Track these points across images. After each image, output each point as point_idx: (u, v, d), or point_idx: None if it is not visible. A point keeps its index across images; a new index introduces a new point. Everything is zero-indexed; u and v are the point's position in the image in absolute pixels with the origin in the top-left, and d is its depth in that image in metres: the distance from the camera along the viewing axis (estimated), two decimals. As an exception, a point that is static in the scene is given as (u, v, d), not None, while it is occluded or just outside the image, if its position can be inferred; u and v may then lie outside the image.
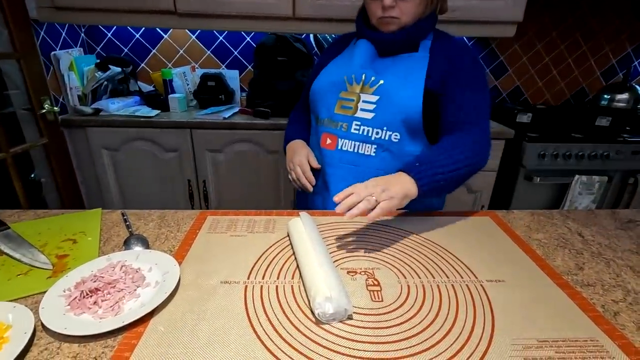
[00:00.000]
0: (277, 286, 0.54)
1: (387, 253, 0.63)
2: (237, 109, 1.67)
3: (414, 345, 0.44)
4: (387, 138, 0.78)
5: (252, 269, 0.58)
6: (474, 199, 1.67)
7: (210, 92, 1.71)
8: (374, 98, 0.78)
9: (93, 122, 1.51)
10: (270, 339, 0.45)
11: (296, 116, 1.01)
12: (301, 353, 0.43)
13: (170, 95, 1.63)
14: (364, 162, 0.81)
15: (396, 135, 0.78)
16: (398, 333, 0.46)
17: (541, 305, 0.52)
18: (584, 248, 0.67)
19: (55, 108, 1.44)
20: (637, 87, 1.78)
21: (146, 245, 0.63)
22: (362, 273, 0.58)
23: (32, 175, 1.54)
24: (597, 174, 1.58)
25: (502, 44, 1.94)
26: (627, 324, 0.49)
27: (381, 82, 0.77)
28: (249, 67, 1.87)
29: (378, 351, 0.43)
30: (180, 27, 1.55)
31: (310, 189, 0.85)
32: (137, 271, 0.55)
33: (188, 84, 1.77)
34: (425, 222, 0.74)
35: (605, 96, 1.81)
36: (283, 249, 0.64)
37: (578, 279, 0.58)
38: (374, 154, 0.80)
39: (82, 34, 1.73)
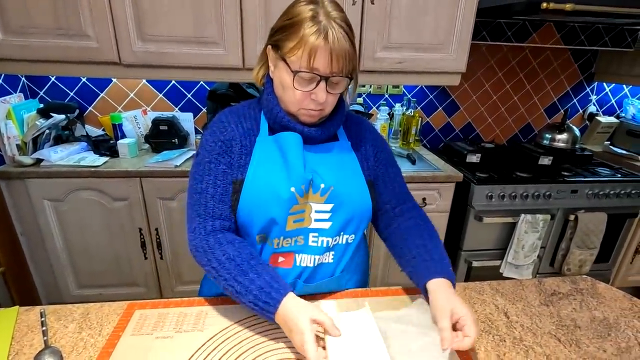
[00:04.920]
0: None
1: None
2: (191, 154, 1.64)
3: None
4: (344, 242, 0.76)
5: (172, 385, 0.56)
6: (428, 238, 1.71)
7: (163, 136, 1.66)
8: (328, 207, 0.72)
9: (34, 173, 1.43)
10: None
11: (228, 247, 0.67)
12: None
13: (120, 141, 1.57)
14: (322, 273, 0.76)
15: (352, 237, 0.76)
16: None
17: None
18: (507, 333, 0.69)
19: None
20: (574, 127, 1.90)
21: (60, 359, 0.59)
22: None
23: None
24: (541, 213, 1.67)
25: (452, 85, 2.02)
26: None
27: (331, 188, 0.71)
28: (204, 110, 1.84)
29: None
30: (126, 77, 1.51)
31: None
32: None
33: (139, 128, 1.72)
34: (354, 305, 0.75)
35: (547, 135, 1.92)
36: (211, 352, 0.62)
37: (496, 376, 0.60)
38: (332, 261, 0.76)
39: (23, 78, 1.65)
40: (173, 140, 1.67)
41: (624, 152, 2.02)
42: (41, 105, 1.59)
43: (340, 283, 0.80)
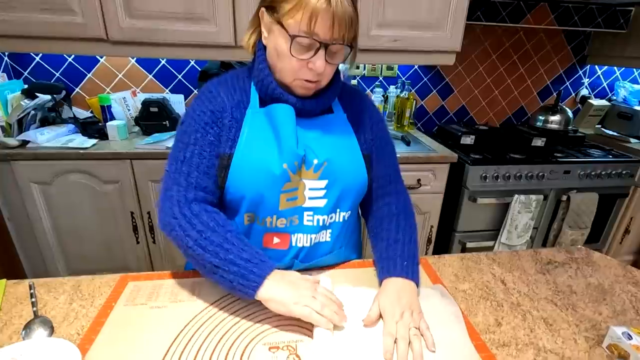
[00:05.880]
0: (190, 374, 0.51)
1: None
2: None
3: None
4: (340, 220, 0.73)
5: (168, 351, 0.55)
6: (423, 220, 1.72)
7: (154, 118, 1.62)
8: (322, 183, 0.68)
9: (20, 155, 1.39)
10: None
11: (210, 217, 0.64)
12: None
13: (109, 123, 1.53)
14: (320, 251, 0.74)
15: (348, 214, 0.74)
16: None
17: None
18: (504, 299, 0.69)
19: (-28, 142, 1.31)
20: (567, 109, 1.91)
21: (50, 330, 0.58)
22: (285, 348, 0.56)
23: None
24: (534, 193, 1.68)
25: (447, 67, 2.01)
26: (533, 391, 0.51)
27: (325, 163, 0.68)
28: (195, 91, 1.80)
29: None
30: (114, 54, 1.46)
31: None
32: (31, 370, 0.49)
33: (129, 110, 1.68)
34: (351, 275, 0.74)
35: (540, 117, 1.93)
36: (206, 320, 0.61)
37: (495, 338, 0.60)
38: (329, 239, 0.74)
39: (6, 58, 1.59)
40: (164, 123, 1.63)
41: (615, 134, 2.04)
42: (25, 86, 1.54)
43: (338, 258, 0.79)
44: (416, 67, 1.98)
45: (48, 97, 1.49)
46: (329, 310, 0.57)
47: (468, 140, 1.80)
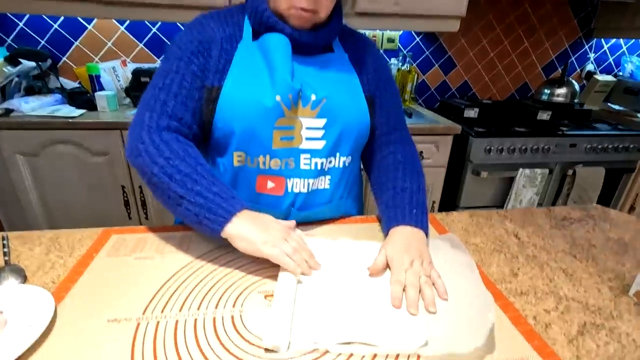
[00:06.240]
0: (177, 321, 0.46)
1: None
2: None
3: None
4: (340, 165, 0.68)
5: (152, 300, 0.49)
6: (425, 195, 1.67)
7: (145, 88, 1.55)
8: (320, 122, 0.63)
9: (4, 123, 1.32)
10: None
11: (182, 147, 0.58)
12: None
13: (98, 93, 1.47)
14: (318, 199, 0.68)
15: (348, 159, 0.69)
16: None
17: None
18: (519, 251, 0.64)
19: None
20: (574, 82, 1.85)
21: (22, 277, 0.52)
22: (282, 296, 0.51)
23: None
24: (539, 167, 1.63)
25: (449, 40, 1.94)
26: (557, 337, 0.46)
27: (324, 100, 0.62)
28: (189, 62, 1.73)
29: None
30: (104, 16, 1.39)
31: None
32: (-3, 315, 0.44)
33: (119, 80, 1.60)
34: (352, 230, 0.69)
35: (546, 90, 1.87)
36: (196, 270, 0.56)
37: (512, 287, 0.55)
38: (328, 187, 0.69)
39: (-12, 23, 1.51)
40: (156, 94, 1.56)
41: (622, 109, 1.99)
42: (8, 53, 1.46)
43: (338, 210, 0.73)
44: (418, 39, 1.91)
45: (32, 64, 1.42)
46: (299, 257, 0.53)
47: (472, 113, 1.74)
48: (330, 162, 0.67)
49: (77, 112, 1.41)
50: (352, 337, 0.43)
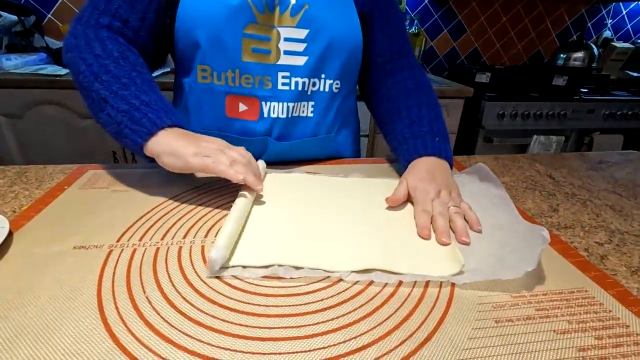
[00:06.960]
0: (158, 248, 0.38)
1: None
2: (168, 69, 1.44)
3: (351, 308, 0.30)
4: (326, 89, 0.59)
5: (129, 228, 0.41)
6: (433, 164, 1.58)
7: (136, 49, 1.46)
8: (301, 33, 0.54)
9: (-17, 82, 1.23)
10: (124, 322, 0.29)
11: (119, 48, 0.49)
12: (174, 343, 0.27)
13: (85, 52, 1.37)
14: (300, 130, 0.60)
15: (337, 85, 0.59)
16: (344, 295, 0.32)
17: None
18: (555, 189, 0.56)
19: None
20: (592, 44, 1.75)
21: (-24, 205, 0.44)
22: (284, 227, 0.43)
23: None
24: (555, 134, 1.54)
25: (459, 2, 1.83)
26: (618, 268, 0.38)
27: (306, 6, 0.53)
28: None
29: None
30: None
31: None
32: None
33: (109, 40, 1.50)
34: (376, 170, 0.61)
35: (562, 55, 1.77)
36: (183, 202, 0.48)
37: (554, 221, 0.47)
38: (311, 115, 0.60)
39: (-35, -25, 1.40)
40: (148, 54, 1.47)
41: (640, 76, 1.89)
42: (-11, 8, 1.36)
43: (326, 148, 0.64)
44: (426, 1, 1.80)
45: (14, 17, 1.32)
46: (241, 167, 0.43)
47: (483, 78, 1.64)
48: (314, 84, 0.58)
49: (63, 70, 1.31)
50: (369, 263, 0.35)
